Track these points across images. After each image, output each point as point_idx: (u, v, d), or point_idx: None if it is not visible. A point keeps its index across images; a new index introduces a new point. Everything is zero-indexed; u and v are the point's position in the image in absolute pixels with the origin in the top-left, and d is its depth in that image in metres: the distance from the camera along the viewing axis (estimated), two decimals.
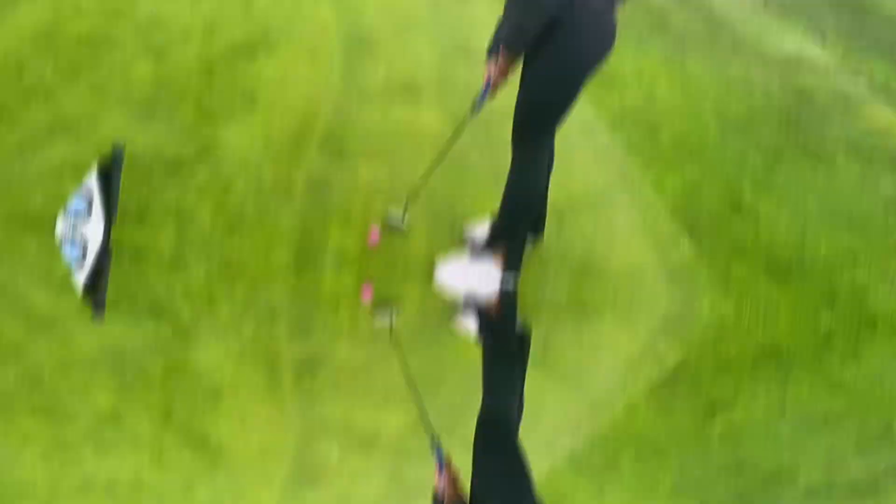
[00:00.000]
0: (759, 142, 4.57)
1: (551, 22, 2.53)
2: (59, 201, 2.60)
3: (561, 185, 3.55)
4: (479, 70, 2.83)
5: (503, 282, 2.84)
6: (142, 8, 4.60)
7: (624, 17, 6.84)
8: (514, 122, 2.73)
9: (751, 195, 3.81)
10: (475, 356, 2.77)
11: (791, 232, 3.53)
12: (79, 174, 2.73)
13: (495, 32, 2.56)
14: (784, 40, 7.82)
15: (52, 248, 2.63)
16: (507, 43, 2.53)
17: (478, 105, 2.75)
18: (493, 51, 2.60)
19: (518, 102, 2.70)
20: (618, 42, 5.93)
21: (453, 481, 1.38)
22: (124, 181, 2.78)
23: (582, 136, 4.16)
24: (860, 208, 3.94)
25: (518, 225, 2.77)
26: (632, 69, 5.46)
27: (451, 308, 3.13)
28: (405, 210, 2.94)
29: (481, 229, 2.95)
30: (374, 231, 2.86)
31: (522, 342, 2.87)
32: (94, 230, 2.12)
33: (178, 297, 2.78)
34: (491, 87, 2.70)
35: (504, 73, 2.65)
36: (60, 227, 2.13)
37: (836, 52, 7.84)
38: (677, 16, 7.63)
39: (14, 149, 2.94)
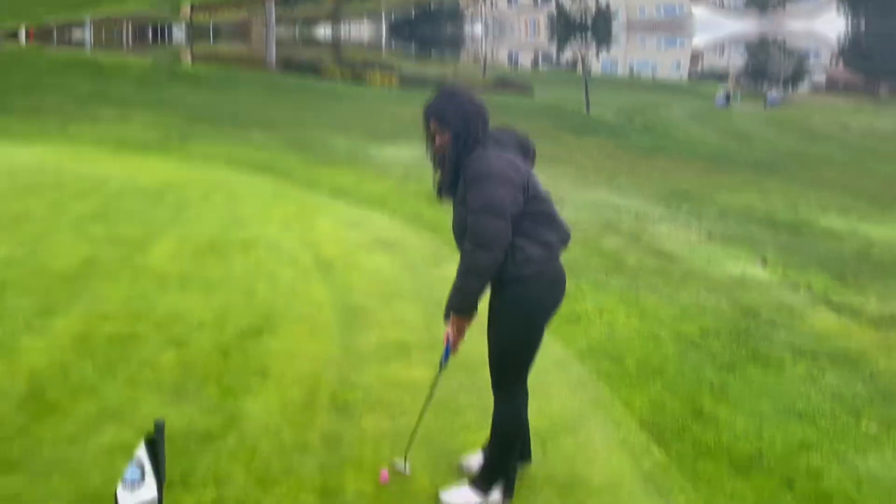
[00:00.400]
0: (713, 355, 5.14)
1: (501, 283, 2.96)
2: (114, 478, 3.03)
3: (542, 413, 4.03)
4: None
5: None
6: (160, 307, 5.35)
7: (584, 262, 7.73)
8: (490, 370, 3.12)
9: (710, 403, 4.29)
10: None
11: (749, 430, 3.96)
12: (128, 452, 3.18)
13: (448, 300, 2.94)
14: (728, 265, 8.74)
15: None
16: (457, 310, 2.93)
17: (443, 363, 3.16)
18: (447, 316, 3.00)
19: (489, 355, 3.09)
20: (580, 284, 6.77)
21: None
22: (167, 454, 3.23)
23: (556, 369, 4.72)
24: (809, 402, 4.40)
25: (497, 459, 3.18)
26: (593, 307, 6.18)
27: None
28: (406, 458, 3.36)
29: (476, 459, 3.36)
30: (384, 473, 3.28)
31: None
32: (149, 493, 2.55)
33: None
34: (452, 347, 3.09)
35: (461, 333, 3.02)
36: (120, 496, 2.55)
37: (777, 269, 8.74)
38: (630, 255, 8.58)
39: (70, 438, 3.41)
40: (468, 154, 2.93)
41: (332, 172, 12.79)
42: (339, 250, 7.47)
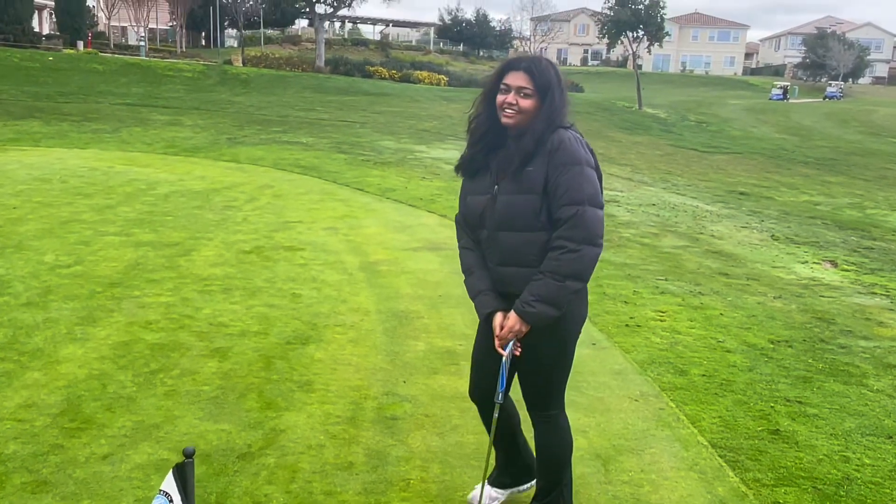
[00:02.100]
0: (786, 368, 4.76)
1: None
2: (146, 501, 2.85)
3: (602, 431, 3.74)
4: None
5: None
6: (203, 314, 5.20)
7: (641, 265, 7.37)
8: (534, 392, 2.75)
9: (787, 421, 3.93)
10: None
11: (833, 453, 3.59)
12: (163, 471, 3.00)
13: (529, 309, 2.55)
14: (795, 267, 8.27)
15: None
16: (545, 319, 2.55)
17: (502, 388, 2.72)
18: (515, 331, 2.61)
19: (531, 375, 2.72)
20: (638, 289, 6.42)
21: None
22: (203, 474, 3.04)
23: (616, 381, 4.42)
24: None
25: (557, 479, 2.86)
26: (653, 313, 5.84)
27: None
28: (482, 489, 2.94)
29: (477, 492, 2.97)
30: None
31: None
32: None
33: None
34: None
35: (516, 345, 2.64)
36: None
37: (848, 272, 8.23)
38: (690, 257, 8.18)
39: (104, 457, 3.25)
40: (553, 131, 2.51)
41: (379, 173, 12.63)
42: (385, 253, 7.27)
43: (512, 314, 2.58)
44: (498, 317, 2.63)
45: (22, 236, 7.06)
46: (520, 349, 2.64)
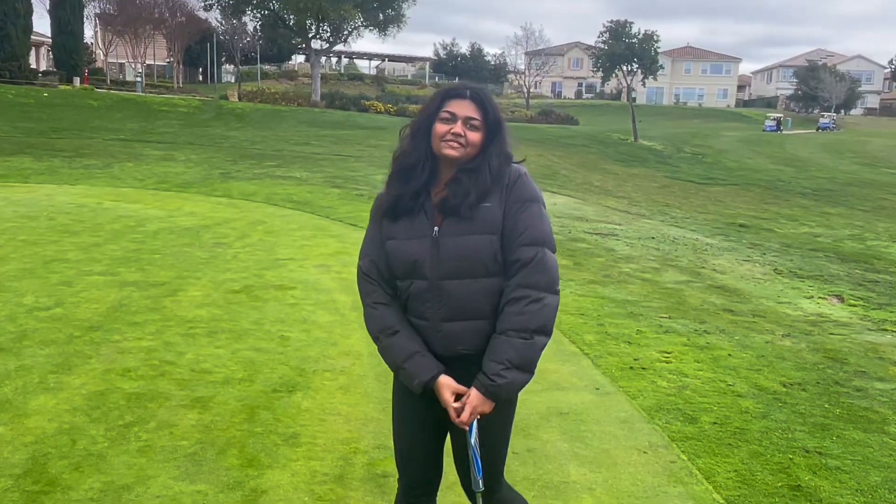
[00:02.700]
0: (802, 414, 4.50)
1: None
2: None
3: (610, 488, 3.47)
4: None
5: None
6: (185, 360, 4.93)
7: (643, 302, 7.12)
8: (496, 460, 2.41)
9: (807, 475, 3.66)
10: None
11: None
12: None
13: (501, 379, 2.22)
14: (801, 303, 8.03)
15: None
16: (521, 385, 2.25)
17: (479, 474, 2.32)
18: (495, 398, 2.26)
19: (494, 443, 2.37)
20: (641, 328, 6.17)
21: None
22: None
23: (623, 431, 4.15)
24: None
25: None
26: (658, 354, 5.58)
27: None
28: None
29: None
30: None
31: None
32: None
33: None
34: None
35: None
36: None
37: (856, 307, 8.00)
38: (693, 293, 7.94)
39: None
40: (507, 165, 2.26)
41: None
42: None
43: (473, 392, 2.17)
44: (447, 384, 2.20)
45: (1, 277, 6.80)
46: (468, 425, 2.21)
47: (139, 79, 42.77)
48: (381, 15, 44.59)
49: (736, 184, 22.83)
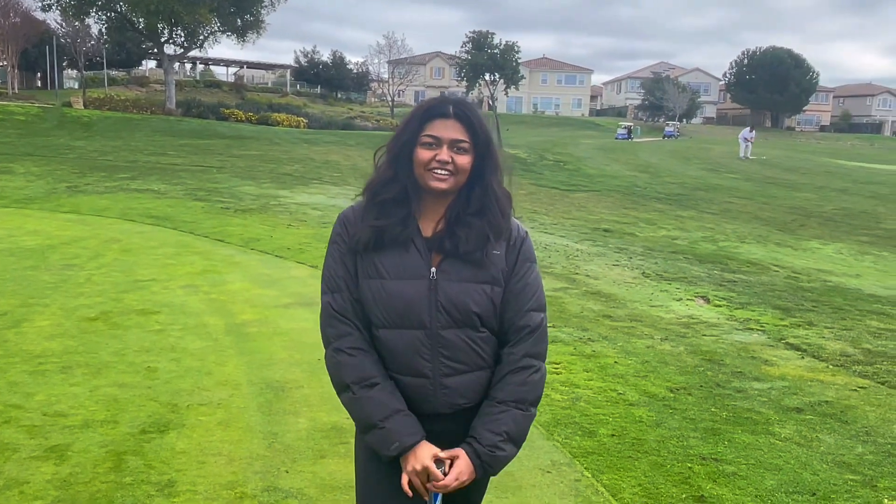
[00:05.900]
0: (692, 420, 4.55)
1: None
2: None
3: None
4: None
5: None
6: (35, 402, 4.35)
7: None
8: None
9: (708, 483, 3.66)
10: None
11: None
12: None
13: (495, 453, 1.99)
14: (672, 305, 8.30)
15: None
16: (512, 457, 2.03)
17: None
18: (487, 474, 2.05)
19: None
20: None
21: None
22: None
23: (523, 451, 4.00)
24: (816, 475, 3.84)
25: None
26: (547, 365, 5.52)
27: None
28: None
29: None
30: None
31: None
32: None
33: None
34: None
35: None
36: None
37: (721, 307, 8.37)
38: (572, 300, 8.03)
39: None
40: (510, 201, 2.00)
41: (241, 222, 11.82)
42: (254, 312, 6.59)
43: (464, 459, 1.89)
44: (427, 451, 1.89)
45: None
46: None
47: None
48: (239, 20, 43.07)
49: (597, 190, 23.70)
